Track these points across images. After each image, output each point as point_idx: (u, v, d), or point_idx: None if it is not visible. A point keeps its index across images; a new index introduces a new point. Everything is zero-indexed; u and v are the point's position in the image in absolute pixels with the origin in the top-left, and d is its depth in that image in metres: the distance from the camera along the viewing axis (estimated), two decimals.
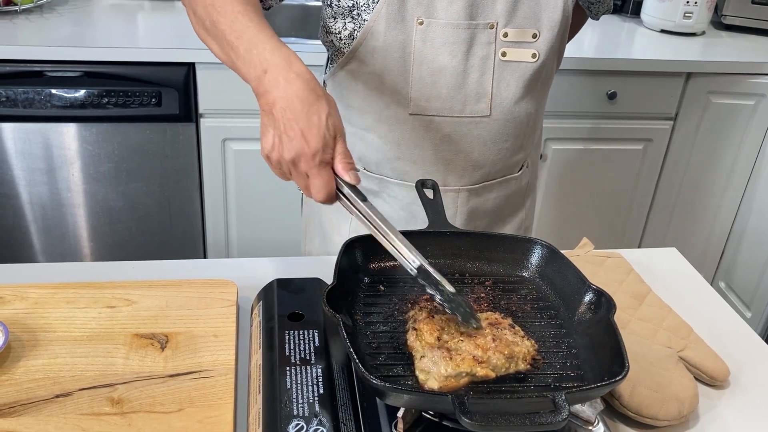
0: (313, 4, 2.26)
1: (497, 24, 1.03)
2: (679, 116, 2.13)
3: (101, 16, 2.01)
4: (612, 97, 2.04)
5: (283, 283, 0.92)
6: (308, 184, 0.78)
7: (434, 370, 0.70)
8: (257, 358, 0.81)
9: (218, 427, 0.72)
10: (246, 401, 0.78)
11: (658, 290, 1.02)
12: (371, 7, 1.01)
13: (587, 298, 0.82)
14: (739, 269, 2.36)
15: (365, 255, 0.88)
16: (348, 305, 0.81)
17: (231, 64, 0.85)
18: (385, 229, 0.77)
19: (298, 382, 0.75)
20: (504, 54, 1.05)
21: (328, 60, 1.16)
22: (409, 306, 0.81)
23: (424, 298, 0.80)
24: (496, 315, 0.79)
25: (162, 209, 2.01)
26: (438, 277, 0.76)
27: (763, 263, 2.23)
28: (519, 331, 0.76)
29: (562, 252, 0.88)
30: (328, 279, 0.82)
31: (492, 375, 0.71)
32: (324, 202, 0.78)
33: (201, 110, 1.89)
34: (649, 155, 2.17)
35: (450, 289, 0.76)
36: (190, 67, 1.82)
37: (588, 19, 1.29)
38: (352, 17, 1.03)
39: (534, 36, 1.05)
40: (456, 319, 0.76)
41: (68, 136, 1.86)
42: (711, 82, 2.08)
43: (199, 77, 1.84)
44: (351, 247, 0.86)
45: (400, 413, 0.70)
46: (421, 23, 1.01)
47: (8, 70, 1.75)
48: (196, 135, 1.92)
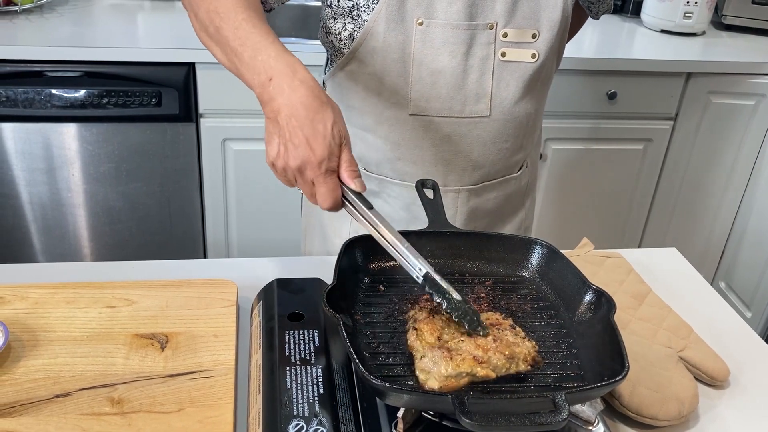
0: (313, 4, 2.26)
1: (497, 24, 1.03)
2: (679, 116, 2.13)
3: (101, 16, 2.01)
4: (612, 97, 2.04)
5: (283, 283, 0.92)
6: (314, 192, 0.78)
7: (434, 370, 0.70)
8: (257, 358, 0.81)
9: (218, 427, 0.72)
10: (246, 401, 0.78)
11: (658, 290, 1.02)
12: (371, 8, 1.01)
13: (587, 298, 0.82)
14: (739, 269, 2.36)
15: (365, 255, 0.88)
16: (348, 305, 0.81)
17: (234, 70, 0.84)
18: (392, 237, 0.77)
19: (298, 382, 0.75)
20: (504, 54, 1.05)
21: (327, 60, 1.16)
22: (409, 306, 0.81)
23: (424, 297, 0.80)
24: (497, 315, 0.79)
25: (162, 209, 2.01)
26: (445, 285, 0.76)
27: (763, 263, 2.23)
28: (520, 332, 0.76)
29: (562, 252, 0.88)
30: (328, 279, 0.82)
31: (492, 375, 0.71)
32: (330, 209, 0.78)
33: (201, 110, 1.89)
34: (649, 155, 2.17)
35: (457, 297, 0.76)
36: (190, 67, 1.82)
37: (588, 18, 1.29)
38: (352, 18, 1.03)
39: (533, 36, 1.05)
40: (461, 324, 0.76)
41: (68, 136, 1.86)
42: (711, 82, 2.08)
43: (199, 77, 1.84)
44: (351, 247, 0.86)
45: (400, 413, 0.70)
46: (421, 24, 1.01)
47: (8, 70, 1.75)
48: (196, 135, 1.92)
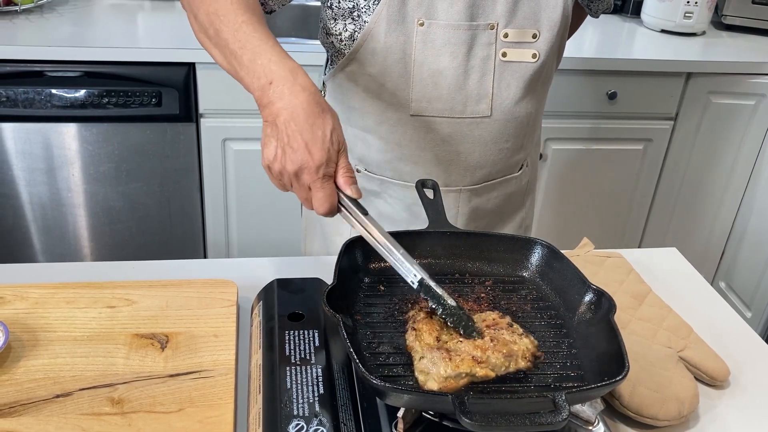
0: (313, 5, 2.26)
1: (497, 25, 1.03)
2: (680, 116, 2.13)
3: (101, 16, 2.01)
4: (612, 97, 2.04)
5: (283, 283, 0.92)
6: (310, 197, 0.78)
7: (433, 371, 0.70)
8: (257, 358, 0.81)
9: (218, 427, 0.72)
10: (246, 401, 0.78)
11: (658, 290, 1.02)
12: (372, 9, 1.01)
13: (587, 298, 0.82)
14: (739, 269, 2.36)
15: (365, 255, 0.88)
16: (348, 305, 0.81)
17: (233, 73, 0.84)
18: (386, 243, 0.77)
19: (298, 382, 0.75)
20: (504, 54, 1.05)
21: (327, 61, 1.16)
22: (409, 306, 0.81)
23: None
24: (494, 315, 0.79)
25: (162, 209, 2.01)
26: (439, 291, 0.76)
27: (763, 263, 2.23)
28: (517, 329, 0.76)
29: (563, 252, 0.88)
30: (328, 279, 0.82)
31: (492, 375, 0.71)
32: (325, 214, 0.78)
33: (201, 110, 1.89)
34: (649, 155, 2.17)
35: (451, 302, 0.76)
36: (190, 67, 1.82)
37: (587, 16, 1.29)
38: (353, 19, 1.03)
39: (534, 36, 1.05)
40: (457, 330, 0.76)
41: (68, 136, 1.86)
42: (711, 82, 2.08)
43: (199, 77, 1.84)
44: (351, 247, 0.86)
45: (400, 413, 0.70)
46: (422, 24, 1.01)
47: (8, 70, 1.75)
48: (196, 135, 1.92)
